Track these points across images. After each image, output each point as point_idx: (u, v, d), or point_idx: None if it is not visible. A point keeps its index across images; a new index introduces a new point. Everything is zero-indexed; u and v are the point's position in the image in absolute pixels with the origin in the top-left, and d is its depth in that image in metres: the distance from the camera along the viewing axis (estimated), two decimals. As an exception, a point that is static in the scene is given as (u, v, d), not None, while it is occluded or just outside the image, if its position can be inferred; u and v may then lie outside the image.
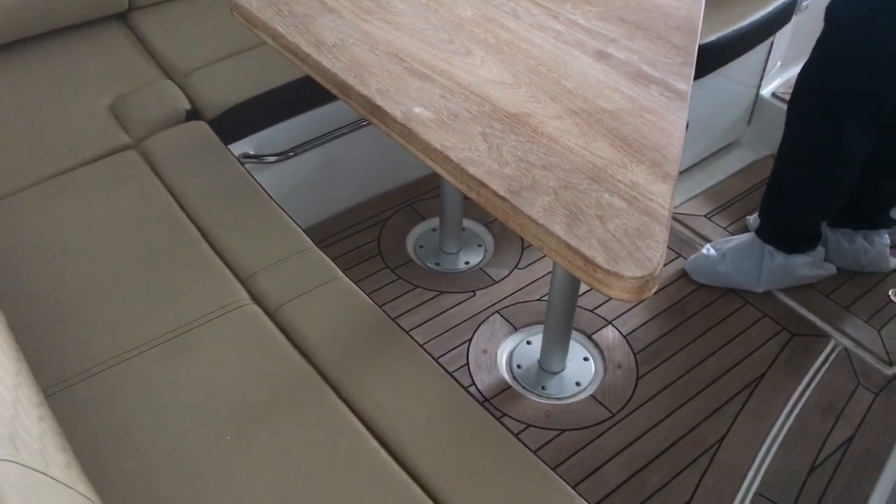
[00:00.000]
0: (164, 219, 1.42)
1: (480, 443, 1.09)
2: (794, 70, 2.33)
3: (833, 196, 1.78)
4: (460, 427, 1.11)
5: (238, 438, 1.07)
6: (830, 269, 1.90)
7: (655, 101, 1.19)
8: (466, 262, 1.98)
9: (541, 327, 1.77)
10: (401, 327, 1.24)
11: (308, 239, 1.39)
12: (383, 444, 1.08)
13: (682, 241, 2.03)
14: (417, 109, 1.17)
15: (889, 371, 1.72)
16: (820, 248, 1.89)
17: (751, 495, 1.48)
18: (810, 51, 1.67)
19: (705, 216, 2.11)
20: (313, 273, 1.32)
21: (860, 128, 1.63)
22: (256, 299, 1.29)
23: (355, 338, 1.22)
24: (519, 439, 1.09)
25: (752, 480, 1.51)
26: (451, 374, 1.18)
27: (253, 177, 1.54)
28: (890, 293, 1.89)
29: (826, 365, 1.73)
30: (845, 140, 1.66)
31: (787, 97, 2.22)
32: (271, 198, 1.48)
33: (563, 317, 1.62)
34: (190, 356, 1.18)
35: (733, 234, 2.02)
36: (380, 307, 1.28)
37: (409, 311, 1.83)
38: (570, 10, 1.42)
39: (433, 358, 1.20)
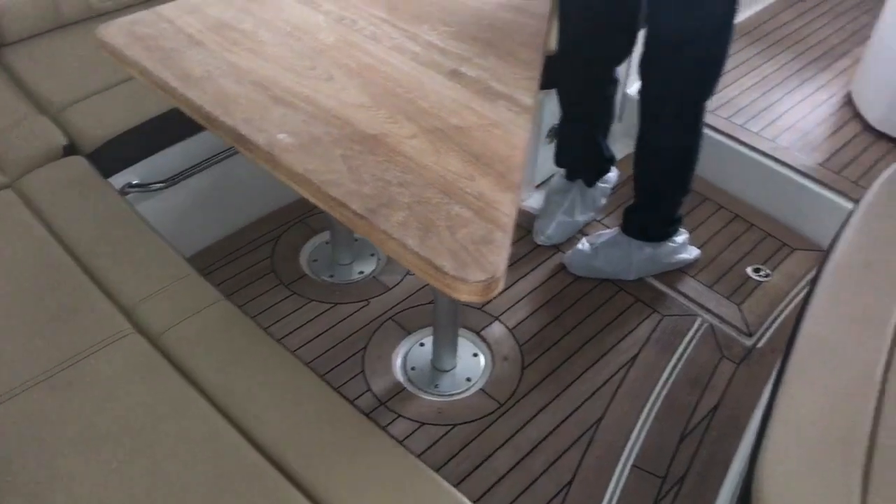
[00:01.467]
0: (44, 256, 1.44)
1: (357, 445, 1.16)
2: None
3: (692, 181, 1.94)
4: (339, 433, 1.18)
5: (125, 464, 1.11)
6: (694, 252, 2.06)
7: (502, 115, 1.30)
8: (360, 272, 2.05)
9: (432, 329, 1.86)
10: (280, 343, 1.31)
11: (189, 265, 1.44)
12: (265, 454, 1.14)
13: (561, 236, 2.15)
14: (280, 136, 1.23)
15: (749, 342, 1.89)
16: (682, 231, 2.04)
17: (628, 468, 1.61)
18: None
19: (599, 222, 2.24)
20: (195, 298, 1.37)
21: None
22: (139, 328, 1.33)
23: (236, 357, 1.27)
24: (397, 440, 1.17)
25: (629, 454, 1.64)
26: (329, 384, 1.25)
27: (133, 208, 1.57)
28: (748, 270, 2.07)
29: (693, 341, 1.89)
30: (702, 135, 1.82)
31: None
32: (151, 228, 1.52)
33: (449, 317, 1.71)
34: (75, 389, 1.22)
35: (609, 227, 2.16)
36: (265, 329, 1.34)
37: (304, 324, 1.89)
38: (427, 31, 1.51)
39: (312, 370, 1.27)
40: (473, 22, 1.55)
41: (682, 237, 2.04)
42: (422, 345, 1.87)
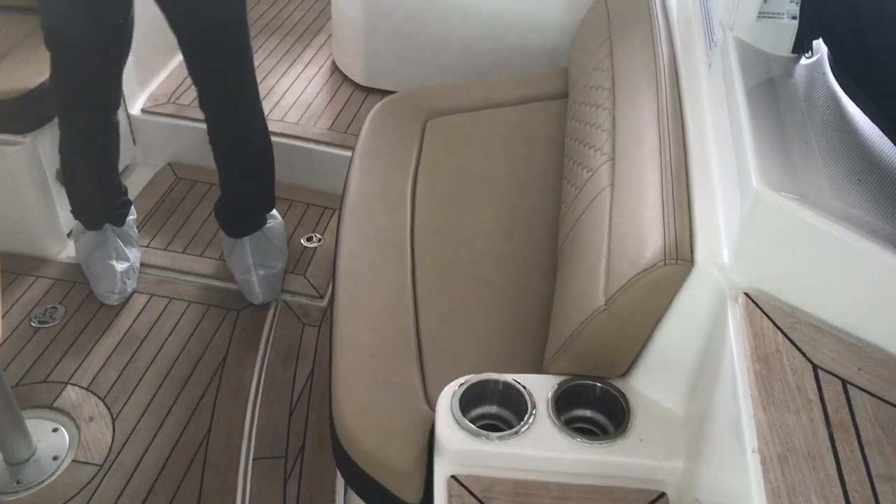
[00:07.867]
0: None
1: None
2: (153, 84, 2.47)
3: None
4: None
5: None
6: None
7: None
8: None
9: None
10: None
11: None
12: None
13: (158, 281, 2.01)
14: None
15: (322, 303, 2.00)
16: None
17: (251, 464, 1.62)
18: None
19: (147, 246, 2.12)
20: None
21: None
22: None
23: None
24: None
25: (248, 450, 1.64)
26: None
27: None
28: (302, 241, 2.19)
29: (275, 323, 1.94)
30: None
31: (155, 110, 2.36)
32: None
33: (3, 404, 1.51)
34: None
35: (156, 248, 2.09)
36: None
37: None
38: None
39: None
40: None
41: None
42: (-14, 447, 1.62)
